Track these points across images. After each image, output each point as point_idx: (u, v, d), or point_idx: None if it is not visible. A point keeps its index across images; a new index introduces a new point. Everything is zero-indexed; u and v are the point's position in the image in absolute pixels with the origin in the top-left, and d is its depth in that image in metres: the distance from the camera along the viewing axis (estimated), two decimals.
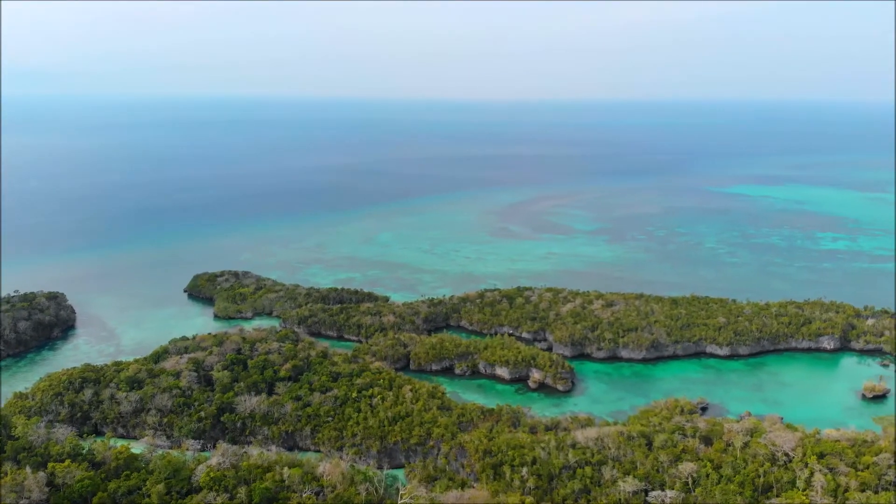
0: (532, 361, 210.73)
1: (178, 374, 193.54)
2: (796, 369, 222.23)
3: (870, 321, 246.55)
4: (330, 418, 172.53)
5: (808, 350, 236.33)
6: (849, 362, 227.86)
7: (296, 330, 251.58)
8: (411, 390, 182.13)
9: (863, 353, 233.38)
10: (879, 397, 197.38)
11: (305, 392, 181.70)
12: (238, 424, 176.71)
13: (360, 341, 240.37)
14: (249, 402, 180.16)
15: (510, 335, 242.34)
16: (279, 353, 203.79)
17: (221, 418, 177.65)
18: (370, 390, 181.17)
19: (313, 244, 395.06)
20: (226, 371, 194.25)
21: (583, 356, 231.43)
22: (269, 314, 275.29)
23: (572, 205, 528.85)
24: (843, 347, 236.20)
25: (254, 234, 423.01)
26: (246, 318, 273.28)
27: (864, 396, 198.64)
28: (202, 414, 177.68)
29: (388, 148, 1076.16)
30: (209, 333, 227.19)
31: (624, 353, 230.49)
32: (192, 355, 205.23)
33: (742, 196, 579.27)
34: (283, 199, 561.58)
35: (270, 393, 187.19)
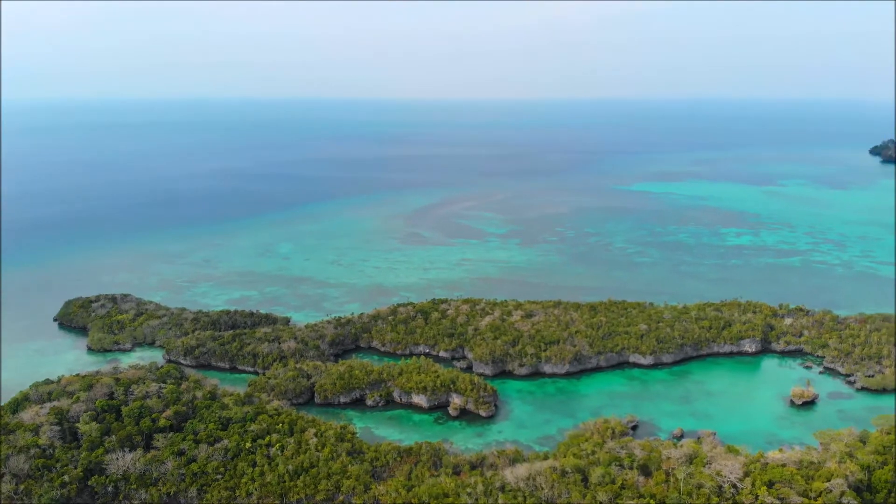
0: (452, 386, 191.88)
1: (37, 429, 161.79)
2: (721, 376, 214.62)
3: (787, 321, 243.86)
4: (220, 475, 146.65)
5: (730, 354, 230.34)
6: (772, 365, 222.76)
7: (181, 363, 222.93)
8: (316, 434, 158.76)
9: (784, 354, 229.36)
10: (808, 403, 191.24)
11: (190, 444, 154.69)
12: (109, 488, 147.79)
13: (256, 373, 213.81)
14: (123, 461, 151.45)
15: (426, 355, 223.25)
16: (159, 397, 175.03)
17: (89, 482, 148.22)
18: (267, 438, 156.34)
19: (202, 259, 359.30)
20: (94, 422, 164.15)
21: (504, 374, 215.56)
22: (152, 344, 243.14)
23: (483, 207, 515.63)
24: (765, 349, 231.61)
25: (134, 249, 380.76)
26: (125, 351, 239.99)
27: (792, 403, 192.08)
28: (66, 478, 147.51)
29: (285, 150, 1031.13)
30: (77, 374, 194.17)
31: (547, 368, 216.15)
32: (55, 403, 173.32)
33: (646, 193, 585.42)
34: (168, 208, 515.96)
35: (148, 447, 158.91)
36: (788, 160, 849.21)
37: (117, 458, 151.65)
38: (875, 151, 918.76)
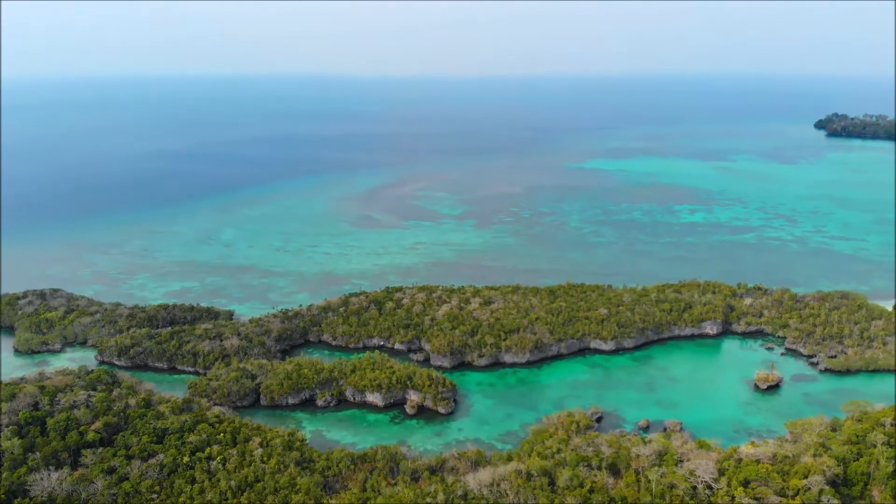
0: (408, 382, 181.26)
1: None
2: (683, 361, 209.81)
3: (747, 300, 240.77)
4: (155, 495, 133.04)
5: (692, 337, 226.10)
6: (733, 348, 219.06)
7: (115, 364, 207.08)
8: (261, 443, 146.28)
9: (745, 335, 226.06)
10: (773, 387, 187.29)
11: (121, 460, 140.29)
12: None
13: (197, 373, 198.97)
14: (48, 481, 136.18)
15: (381, 348, 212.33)
16: (87, 406, 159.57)
17: None
18: (207, 450, 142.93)
19: (139, 248, 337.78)
20: (17, 438, 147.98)
21: (463, 365, 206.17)
22: (84, 344, 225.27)
23: (436, 187, 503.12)
24: (725, 331, 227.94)
25: (65, 239, 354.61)
26: (54, 352, 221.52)
27: (757, 387, 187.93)
28: None
29: (226, 129, 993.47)
30: None
31: (507, 358, 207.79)
32: None
33: (598, 171, 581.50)
34: (102, 193, 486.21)
35: (76, 464, 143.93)
36: (735, 135, 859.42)
37: (42, 478, 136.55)
38: (820, 125, 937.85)
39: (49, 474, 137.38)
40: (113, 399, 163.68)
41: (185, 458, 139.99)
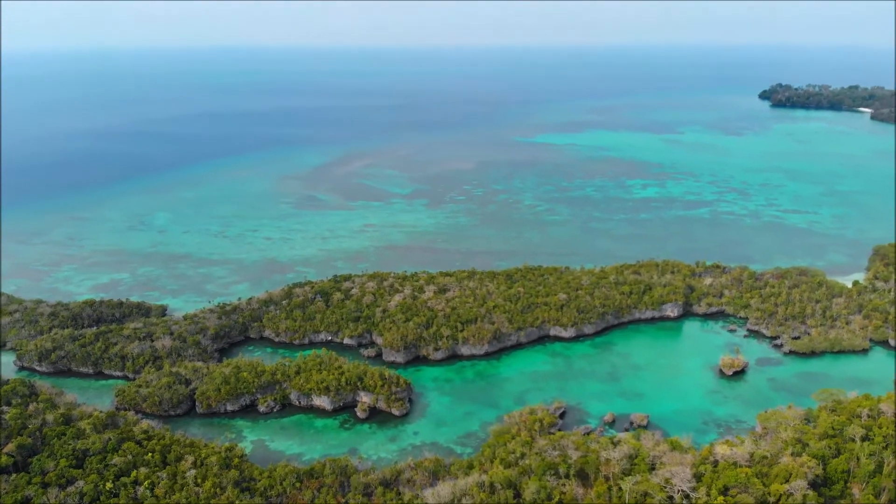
0: (359, 383, 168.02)
1: None
2: (646, 347, 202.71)
3: (706, 280, 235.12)
4: None
5: (652, 320, 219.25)
6: (695, 330, 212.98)
7: (36, 370, 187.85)
8: (195, 463, 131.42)
9: (706, 317, 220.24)
10: (738, 373, 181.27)
11: (37, 489, 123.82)
12: None
13: (126, 378, 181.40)
14: None
15: (328, 344, 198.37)
16: (0, 426, 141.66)
17: None
18: (133, 473, 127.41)
19: (64, 236, 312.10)
20: None
21: (418, 359, 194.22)
22: (3, 347, 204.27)
23: (384, 164, 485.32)
24: (686, 313, 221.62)
25: None
26: None
27: (721, 373, 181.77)
28: None
29: (155, 105, 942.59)
30: None
31: (464, 350, 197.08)
32: None
33: (548, 145, 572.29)
34: (24, 177, 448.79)
35: None
36: (682, 107, 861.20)
37: None
38: (764, 96, 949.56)
39: None
40: (29, 415, 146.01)
41: (109, 485, 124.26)
